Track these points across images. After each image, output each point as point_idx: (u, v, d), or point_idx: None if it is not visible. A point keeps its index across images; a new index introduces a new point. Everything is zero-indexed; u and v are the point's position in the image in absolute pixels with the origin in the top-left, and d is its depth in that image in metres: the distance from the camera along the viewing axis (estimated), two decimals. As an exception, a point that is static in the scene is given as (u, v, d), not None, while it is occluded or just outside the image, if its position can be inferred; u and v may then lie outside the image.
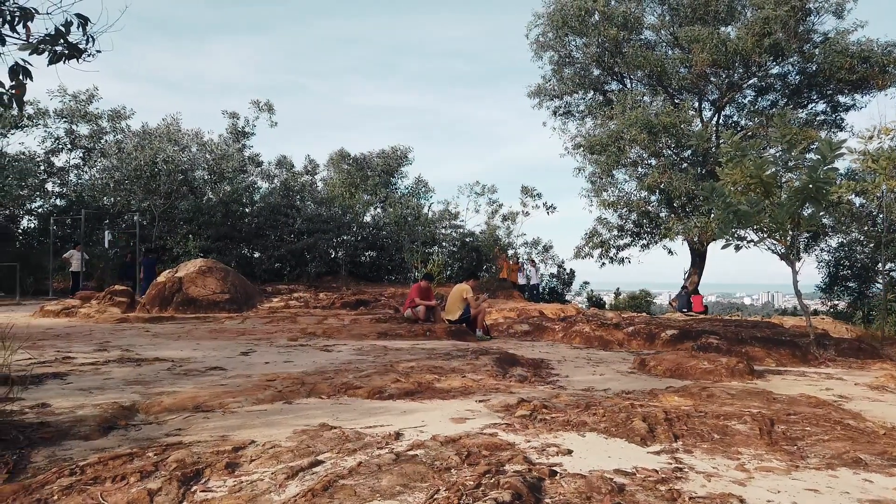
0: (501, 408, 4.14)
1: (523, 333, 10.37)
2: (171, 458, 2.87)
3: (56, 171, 23.96)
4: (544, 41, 23.64)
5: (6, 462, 2.89)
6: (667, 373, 6.34)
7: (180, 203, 22.05)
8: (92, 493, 2.50)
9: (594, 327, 9.96)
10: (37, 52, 3.95)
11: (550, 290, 26.26)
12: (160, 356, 6.50)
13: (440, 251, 24.90)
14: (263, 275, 22.13)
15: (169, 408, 4.06)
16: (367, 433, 3.40)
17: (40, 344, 7.24)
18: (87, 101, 23.92)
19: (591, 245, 23.97)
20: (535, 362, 6.91)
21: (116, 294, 12.63)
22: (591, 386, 5.54)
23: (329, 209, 24.20)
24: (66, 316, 11.52)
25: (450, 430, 3.48)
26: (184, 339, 8.35)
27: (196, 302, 12.65)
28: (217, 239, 22.09)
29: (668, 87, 22.62)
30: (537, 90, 25.03)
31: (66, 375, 5.18)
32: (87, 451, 3.09)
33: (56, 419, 3.64)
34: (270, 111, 25.80)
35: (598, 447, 3.27)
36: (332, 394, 4.65)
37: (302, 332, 9.40)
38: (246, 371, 5.69)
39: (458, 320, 10.09)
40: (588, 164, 23.66)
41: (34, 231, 23.63)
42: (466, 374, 5.55)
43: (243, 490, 2.56)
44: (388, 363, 6.20)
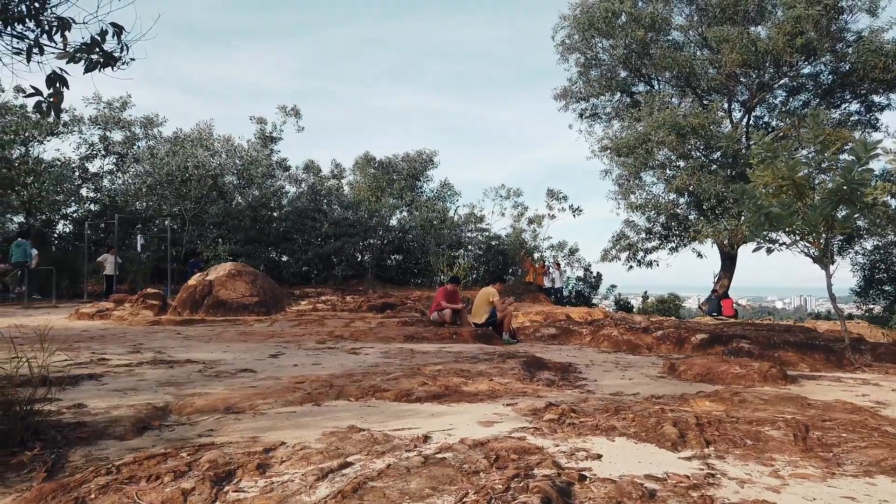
0: (529, 411, 4.12)
1: (550, 337, 10.32)
2: (203, 459, 2.91)
3: (90, 176, 24.51)
4: (570, 43, 23.55)
5: (45, 461, 2.96)
6: (697, 377, 6.26)
7: (210, 207, 22.41)
8: (128, 492, 2.55)
9: (622, 331, 9.87)
10: (73, 61, 4.05)
11: (577, 293, 26.09)
12: (192, 358, 6.61)
13: (466, 254, 24.91)
14: (291, 278, 22.37)
15: (201, 409, 4.12)
16: (396, 436, 3.41)
17: (76, 346, 7.41)
18: (121, 109, 24.44)
19: (619, 248, 23.77)
20: (563, 366, 6.88)
21: (149, 297, 12.88)
22: (619, 390, 5.49)
23: (355, 213, 24.37)
24: (100, 318, 11.77)
25: (478, 434, 3.48)
26: (214, 342, 8.48)
27: (226, 305, 12.82)
28: (246, 243, 22.40)
29: (696, 89, 22.35)
30: (563, 92, 24.93)
31: (101, 376, 5.30)
32: (122, 451, 3.15)
33: (92, 419, 3.72)
34: (297, 116, 26.11)
35: (628, 452, 3.24)
36: (360, 396, 4.67)
37: (329, 335, 9.48)
38: (275, 373, 5.75)
39: (485, 323, 10.08)
40: (615, 167, 23.49)
41: (69, 235, 24.20)
42: (493, 378, 5.54)
43: (274, 491, 2.59)
44: (415, 366, 6.22)
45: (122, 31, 4.00)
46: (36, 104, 3.79)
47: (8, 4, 4.06)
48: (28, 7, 4.02)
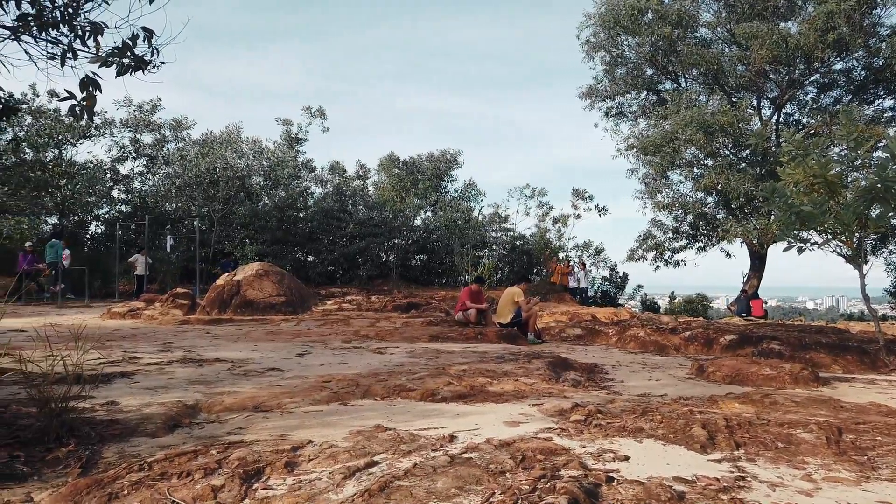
0: (555, 412, 4.11)
1: (576, 337, 10.26)
2: (233, 456, 2.95)
3: (121, 178, 25.00)
4: (596, 41, 23.37)
5: (79, 457, 3.03)
6: (726, 379, 6.17)
7: (238, 208, 22.70)
8: (159, 489, 2.60)
9: (649, 331, 9.77)
10: (106, 65, 4.13)
11: (602, 293, 25.89)
12: (220, 357, 6.70)
13: (490, 254, 24.87)
14: (317, 278, 22.56)
15: (230, 407, 4.18)
16: (422, 435, 3.42)
17: (109, 344, 7.56)
18: (151, 111, 24.89)
19: (645, 248, 23.53)
20: (589, 367, 6.83)
21: (178, 297, 13.08)
22: (647, 391, 5.43)
23: (380, 213, 24.49)
24: (131, 317, 12.00)
25: (503, 434, 3.47)
26: (242, 341, 8.59)
27: (253, 304, 12.98)
28: (273, 243, 22.65)
29: (724, 86, 22.03)
30: (589, 91, 24.76)
31: (133, 375, 5.40)
32: (154, 448, 3.21)
33: (124, 417, 3.80)
34: (322, 117, 26.32)
35: (656, 454, 3.21)
36: (385, 395, 4.70)
37: (355, 335, 9.54)
38: (302, 372, 5.81)
39: (510, 324, 10.05)
40: (641, 166, 23.27)
41: (101, 236, 24.71)
42: (519, 378, 5.52)
43: (302, 489, 2.61)
44: (440, 366, 6.23)
45: (153, 35, 4.07)
46: (70, 107, 3.87)
47: (42, 10, 4.16)
48: (62, 13, 4.11)
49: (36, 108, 21.30)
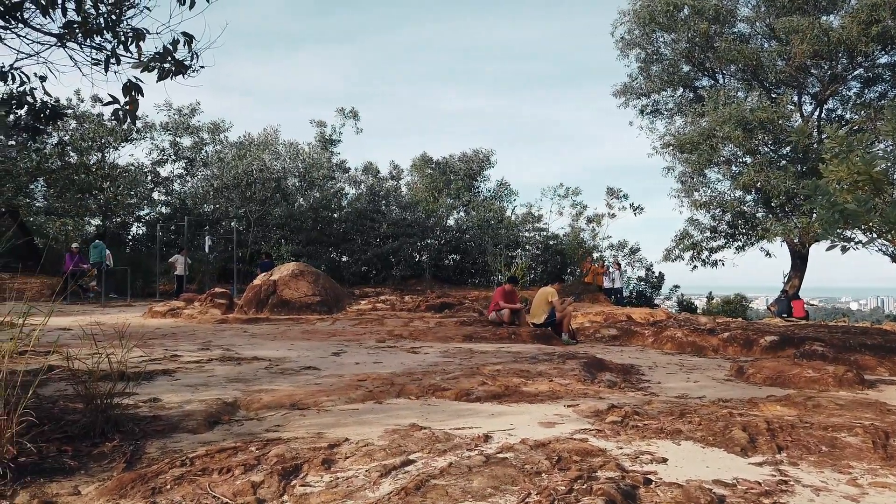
0: (591, 413, 4.07)
1: (611, 338, 10.15)
2: (271, 453, 3.00)
3: (161, 180, 25.60)
4: (630, 39, 23.07)
5: (124, 452, 3.12)
6: (767, 381, 6.04)
7: (274, 209, 23.05)
8: (201, 484, 2.66)
9: (686, 332, 9.61)
10: (147, 70, 4.24)
11: (638, 293, 25.56)
12: (258, 355, 6.81)
13: (523, 254, 24.77)
14: (351, 278, 22.77)
15: (268, 405, 4.24)
16: (457, 434, 3.43)
17: (150, 342, 7.74)
18: (190, 115, 25.44)
19: (682, 247, 23.14)
20: (625, 367, 6.75)
21: (217, 296, 13.34)
22: (684, 393, 5.35)
23: (413, 213, 24.60)
24: (172, 316, 12.27)
25: (539, 434, 3.46)
26: (279, 340, 8.71)
27: (289, 304, 13.15)
28: (308, 243, 22.94)
29: (764, 82, 21.54)
30: (623, 89, 24.45)
31: (174, 372, 5.52)
32: (195, 444, 3.28)
33: (166, 413, 3.89)
34: (355, 118, 26.56)
35: (695, 456, 3.16)
36: (420, 395, 4.72)
37: (389, 334, 9.59)
38: (338, 371, 5.87)
39: (544, 324, 9.99)
40: (678, 164, 22.89)
41: (142, 237, 25.34)
42: (553, 379, 5.49)
43: (339, 486, 2.64)
44: (474, 366, 6.23)
45: (193, 39, 4.16)
46: (114, 111, 3.99)
47: (87, 18, 4.29)
48: (105, 19, 4.24)
49: (80, 113, 21.94)
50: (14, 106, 4.63)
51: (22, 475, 2.75)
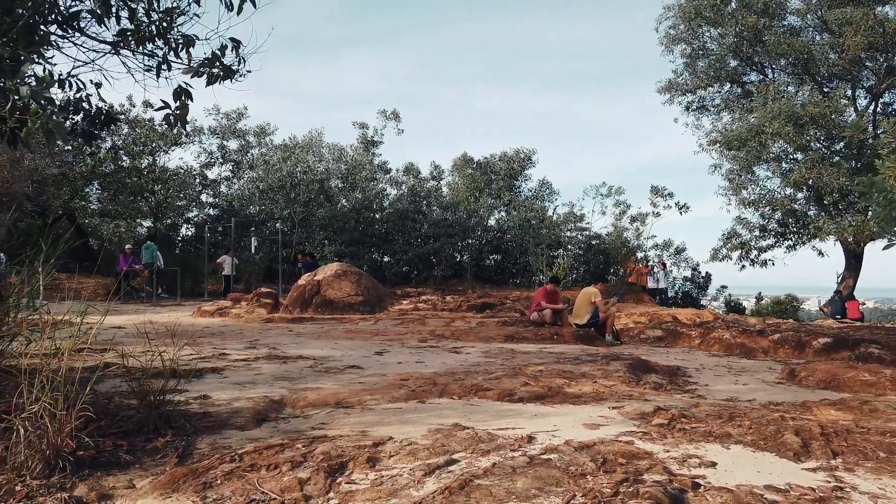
0: (636, 415, 4.01)
1: (656, 339, 9.98)
2: (317, 451, 3.05)
3: (209, 183, 26.25)
4: (675, 34, 22.62)
5: (176, 447, 3.21)
6: (820, 384, 5.85)
7: (317, 210, 23.38)
8: (250, 480, 2.72)
9: (735, 334, 9.38)
10: (197, 75, 4.36)
11: (684, 294, 25.05)
12: (303, 354, 6.92)
13: (565, 254, 24.54)
14: (393, 278, 22.92)
15: (313, 403, 4.31)
16: (500, 435, 3.42)
17: (200, 341, 7.95)
18: (237, 119, 26.02)
19: (730, 247, 22.56)
20: (671, 369, 6.63)
21: (262, 296, 13.61)
22: (733, 396, 5.22)
23: (454, 214, 24.63)
24: (219, 316, 12.57)
25: (583, 436, 3.42)
26: (323, 339, 8.84)
27: (332, 304, 13.33)
28: (350, 244, 23.19)
29: (815, 76, 20.85)
30: (668, 85, 23.99)
31: (222, 370, 5.66)
32: (243, 441, 3.35)
33: (216, 410, 3.99)
34: (397, 119, 26.71)
35: (745, 461, 3.08)
36: (462, 395, 4.72)
37: (431, 334, 9.63)
38: (381, 370, 5.92)
39: (587, 324, 9.89)
40: (725, 161, 22.32)
41: (191, 238, 26.02)
42: (598, 380, 5.43)
43: (384, 484, 2.67)
44: (516, 366, 6.20)
45: (240, 45, 4.25)
46: (165, 116, 4.10)
47: (140, 25, 4.43)
48: (157, 27, 4.37)
49: (132, 118, 22.67)
50: (71, 112, 4.82)
51: (80, 468, 2.86)
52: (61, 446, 2.82)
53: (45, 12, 4.01)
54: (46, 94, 3.08)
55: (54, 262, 3.52)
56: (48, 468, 2.77)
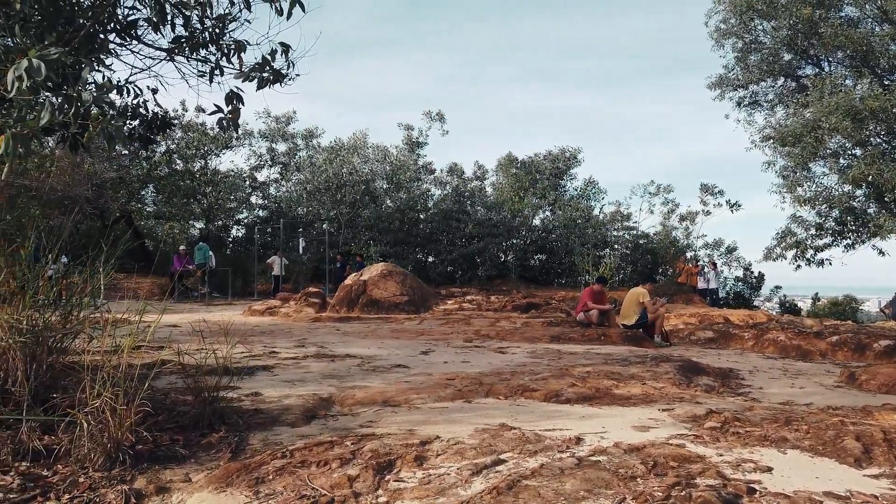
0: (687, 418, 3.93)
1: (707, 341, 9.75)
2: (366, 448, 3.08)
3: (259, 185, 26.84)
4: (726, 28, 22.03)
5: (230, 443, 3.29)
6: (882, 388, 5.61)
7: (363, 211, 23.65)
8: (300, 476, 2.77)
9: (790, 335, 9.09)
10: (248, 80, 4.46)
11: (735, 294, 24.40)
12: (350, 353, 7.01)
13: (612, 254, 24.20)
14: (437, 278, 23.00)
15: (361, 401, 4.36)
16: (547, 436, 3.40)
17: (250, 339, 8.13)
18: (286, 122, 26.54)
19: (784, 246, 21.85)
20: (723, 371, 6.47)
21: (310, 295, 13.84)
22: (789, 399, 5.06)
23: (498, 213, 24.56)
24: (269, 315, 12.83)
25: (632, 438, 3.37)
26: (369, 338, 8.93)
27: (378, 303, 13.46)
28: (395, 244, 23.37)
29: (875, 68, 20.01)
30: (718, 81, 23.38)
31: (272, 368, 5.78)
32: (294, 437, 3.42)
33: (267, 407, 4.08)
34: (441, 120, 26.78)
35: (803, 466, 2.98)
36: (508, 395, 4.71)
37: (476, 334, 9.62)
38: (427, 369, 5.95)
39: (634, 325, 9.73)
40: (779, 158, 21.61)
41: (241, 239, 26.64)
42: (646, 382, 5.34)
43: (432, 483, 2.68)
44: (562, 367, 6.15)
45: (289, 49, 4.33)
46: (218, 120, 4.21)
47: (194, 32, 4.56)
48: (210, 33, 4.49)
49: (185, 123, 23.35)
50: (129, 117, 4.99)
51: (139, 462, 2.96)
52: (121, 440, 2.93)
53: (105, 21, 4.17)
54: (107, 100, 3.20)
55: (113, 263, 3.65)
56: (109, 461, 2.88)
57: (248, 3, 4.35)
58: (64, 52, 2.85)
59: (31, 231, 3.49)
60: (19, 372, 3.16)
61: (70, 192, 17.08)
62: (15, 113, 2.98)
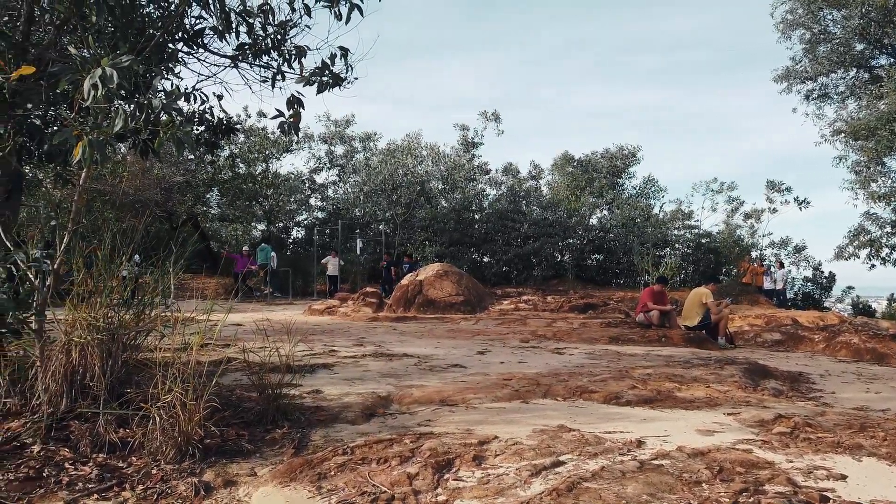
0: (754, 422, 3.79)
1: (774, 343, 9.40)
2: (424, 447, 3.11)
3: (317, 187, 27.39)
4: (793, 19, 21.22)
5: (293, 439, 3.37)
6: (968, 395, 5.29)
7: (418, 212, 23.83)
8: (361, 472, 2.81)
9: (865, 338, 8.67)
10: (308, 84, 4.56)
11: (804, 295, 23.43)
12: (407, 352, 7.07)
13: (673, 253, 23.63)
14: (492, 278, 22.95)
15: (418, 400, 4.40)
16: (607, 438, 3.34)
17: (311, 338, 8.30)
18: (345, 126, 27.02)
19: (857, 244, 20.89)
20: (792, 375, 6.22)
21: (367, 295, 14.04)
22: (864, 405, 4.83)
23: (554, 213, 24.34)
24: (328, 314, 13.09)
25: (696, 442, 3.28)
26: (426, 338, 8.99)
27: (434, 303, 13.53)
28: (450, 244, 23.45)
29: (957, 55, 18.90)
30: (786, 73, 22.55)
31: (332, 366, 5.89)
32: (354, 435, 3.47)
33: (328, 404, 4.16)
34: (497, 121, 26.71)
35: (880, 474, 2.84)
36: (566, 396, 4.66)
37: (532, 335, 9.56)
38: (483, 369, 5.95)
39: (697, 326, 9.48)
40: (851, 152, 20.68)
41: (301, 240, 27.25)
42: (711, 384, 5.19)
43: (490, 483, 2.68)
44: (622, 368, 6.04)
45: (348, 53, 4.41)
46: (280, 124, 4.32)
47: (257, 40, 4.69)
48: (272, 40, 4.61)
49: (247, 128, 24.06)
50: (196, 123, 5.18)
51: (208, 455, 3.07)
52: (191, 434, 3.04)
53: (174, 31, 4.34)
54: (175, 107, 3.33)
55: (181, 264, 3.79)
56: (179, 454, 3.00)
57: (309, 9, 4.44)
58: (135, 60, 2.98)
59: (107, 233, 3.66)
60: (97, 367, 3.32)
61: (140, 196, 17.85)
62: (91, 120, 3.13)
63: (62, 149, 3.70)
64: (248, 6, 4.45)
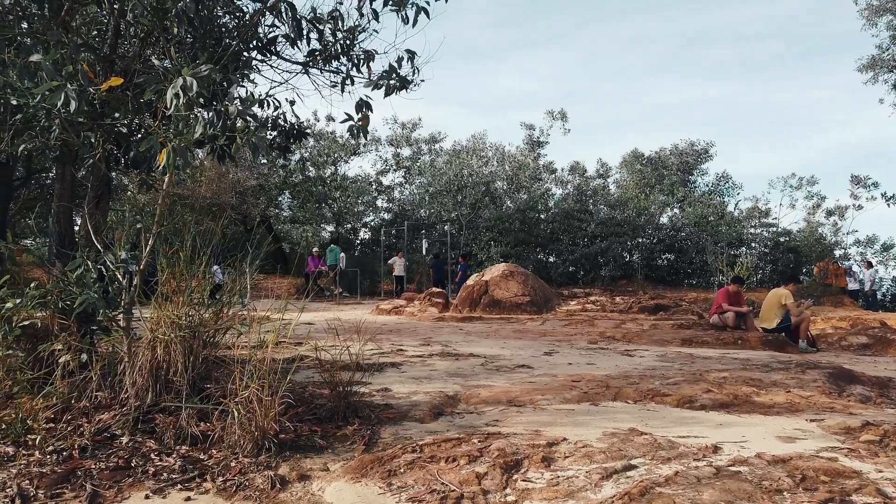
0: (840, 430, 3.61)
1: (860, 346, 8.90)
2: (492, 447, 3.11)
3: (384, 189, 27.83)
4: (879, 5, 20.04)
5: (363, 436, 3.44)
6: None
7: (483, 212, 23.84)
8: (430, 470, 2.84)
9: (962, 343, 8.09)
10: (376, 88, 4.63)
11: (893, 296, 22.09)
12: (473, 352, 7.08)
13: (748, 252, 22.73)
14: (559, 278, 22.70)
15: (486, 400, 4.40)
16: (681, 443, 3.25)
17: (379, 337, 8.44)
18: (412, 129, 27.36)
19: (953, 242, 19.50)
20: (881, 381, 5.87)
21: (434, 296, 14.14)
22: (963, 414, 4.51)
23: (622, 212, 23.86)
24: (395, 314, 13.26)
25: (777, 449, 3.15)
26: (492, 338, 8.98)
27: (500, 304, 13.49)
28: (515, 244, 23.34)
29: None
30: (871, 62, 21.31)
31: (400, 365, 5.96)
32: (422, 433, 3.51)
33: (396, 402, 4.22)
34: (563, 119, 26.44)
35: (983, 490, 2.65)
36: (637, 399, 4.56)
37: (600, 336, 9.39)
38: (551, 370, 5.89)
39: (776, 329, 9.09)
40: (945, 144, 19.35)
41: (368, 241, 27.75)
42: (791, 389, 4.96)
43: (560, 484, 2.65)
44: (696, 371, 5.85)
45: (415, 56, 4.45)
46: (349, 128, 4.41)
47: (327, 45, 4.80)
48: (341, 45, 4.71)
49: (317, 132, 24.69)
50: (269, 128, 5.35)
51: (282, 450, 3.17)
52: (267, 429, 3.14)
53: (248, 40, 4.50)
54: (250, 113, 3.45)
55: (256, 265, 3.93)
56: (256, 448, 3.11)
57: (377, 14, 4.52)
58: (213, 69, 3.10)
59: (187, 236, 3.83)
60: (179, 363, 3.48)
61: (217, 200, 18.59)
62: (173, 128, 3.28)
63: (147, 155, 3.89)
64: (318, 13, 4.56)
